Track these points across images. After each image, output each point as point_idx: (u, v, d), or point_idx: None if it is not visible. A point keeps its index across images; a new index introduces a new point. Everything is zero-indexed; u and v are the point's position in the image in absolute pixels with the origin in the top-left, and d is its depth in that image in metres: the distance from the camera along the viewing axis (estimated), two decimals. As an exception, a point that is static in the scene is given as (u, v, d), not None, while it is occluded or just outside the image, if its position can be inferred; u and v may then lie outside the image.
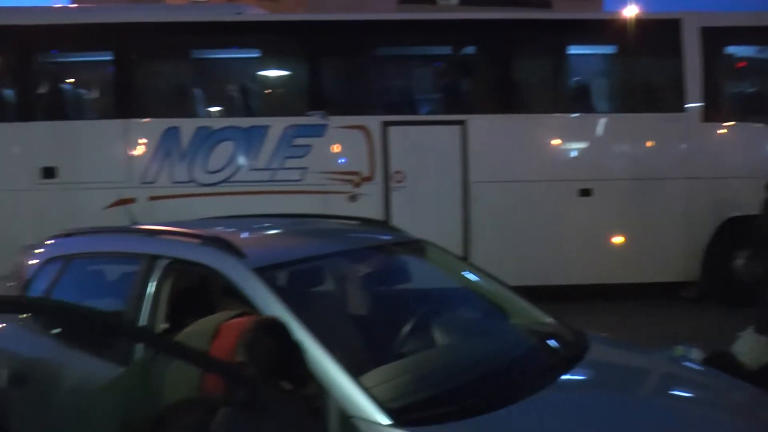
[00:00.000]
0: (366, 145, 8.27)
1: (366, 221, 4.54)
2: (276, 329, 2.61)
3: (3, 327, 3.97)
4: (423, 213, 8.05)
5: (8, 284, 4.28)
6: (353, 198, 8.26)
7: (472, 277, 4.17)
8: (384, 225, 4.75)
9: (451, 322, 3.72)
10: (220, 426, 2.20)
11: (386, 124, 8.29)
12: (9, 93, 8.69)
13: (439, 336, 3.51)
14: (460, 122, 8.29)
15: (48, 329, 3.73)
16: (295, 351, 2.58)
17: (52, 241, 4.32)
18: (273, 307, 2.91)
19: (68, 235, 4.29)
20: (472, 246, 8.29)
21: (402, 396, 2.77)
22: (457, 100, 8.87)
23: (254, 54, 9.07)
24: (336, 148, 8.37)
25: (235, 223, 4.51)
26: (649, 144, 8.52)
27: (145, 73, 8.83)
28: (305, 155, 8.24)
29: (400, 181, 8.32)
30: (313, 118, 8.22)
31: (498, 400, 2.82)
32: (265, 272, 3.12)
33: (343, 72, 9.06)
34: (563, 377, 3.17)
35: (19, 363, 3.65)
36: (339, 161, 8.40)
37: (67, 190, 8.25)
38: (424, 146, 8.38)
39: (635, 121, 8.50)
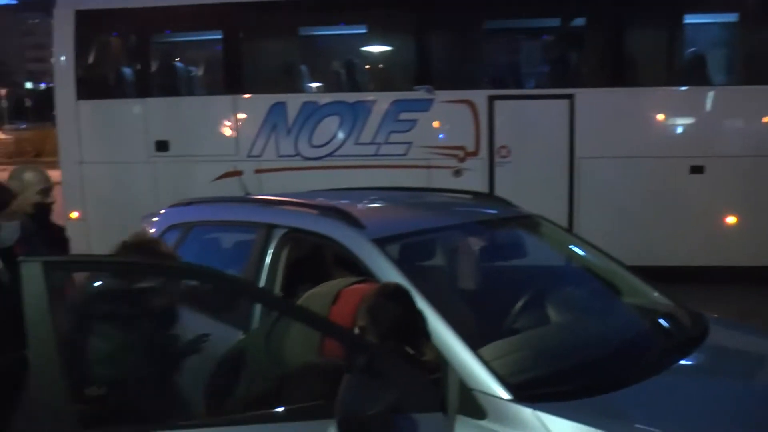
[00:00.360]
0: (471, 120, 8.17)
1: (478, 195, 4.50)
2: (400, 296, 2.62)
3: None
4: (528, 189, 7.83)
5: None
6: (458, 173, 8.21)
7: (584, 253, 4.07)
8: (497, 199, 4.68)
9: (565, 299, 3.63)
10: (347, 392, 2.23)
11: (492, 98, 8.17)
12: (127, 71, 9.11)
13: (552, 313, 3.46)
14: (568, 96, 8.08)
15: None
16: (418, 319, 2.59)
17: (173, 210, 4.48)
18: (392, 277, 2.92)
19: (188, 203, 4.46)
20: (577, 223, 8.09)
21: (520, 371, 2.74)
22: (564, 73, 8.63)
23: (360, 29, 9.11)
24: (441, 123, 8.33)
25: (345, 195, 4.55)
26: (768, 119, 8.07)
27: (253, 50, 9.03)
28: (410, 130, 8.24)
29: (505, 156, 8.20)
30: (419, 93, 8.20)
31: (616, 381, 2.76)
32: (384, 243, 3.15)
33: (449, 46, 8.96)
34: (682, 361, 3.06)
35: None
36: (444, 136, 8.35)
37: (177, 163, 8.59)
38: (530, 121, 8.21)
39: (754, 94, 8.02)
